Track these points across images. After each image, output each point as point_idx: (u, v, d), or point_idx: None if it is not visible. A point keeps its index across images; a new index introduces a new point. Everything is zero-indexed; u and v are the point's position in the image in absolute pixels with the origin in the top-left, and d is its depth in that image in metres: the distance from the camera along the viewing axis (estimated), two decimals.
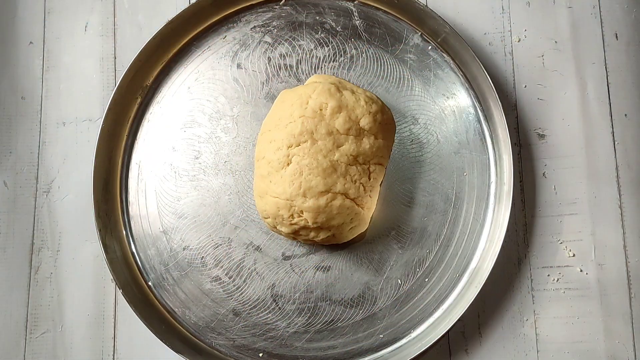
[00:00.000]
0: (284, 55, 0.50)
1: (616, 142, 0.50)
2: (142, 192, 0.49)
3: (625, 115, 0.50)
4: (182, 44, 0.50)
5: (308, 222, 0.43)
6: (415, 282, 0.47)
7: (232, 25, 0.51)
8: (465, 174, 0.48)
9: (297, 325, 0.47)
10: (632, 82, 0.50)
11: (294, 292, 0.47)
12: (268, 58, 0.50)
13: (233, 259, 0.48)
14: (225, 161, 0.49)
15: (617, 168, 0.50)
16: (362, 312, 0.47)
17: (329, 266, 0.48)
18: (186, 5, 0.51)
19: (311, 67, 0.49)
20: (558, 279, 0.48)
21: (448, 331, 0.45)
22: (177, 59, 0.51)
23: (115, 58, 0.52)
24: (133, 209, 0.49)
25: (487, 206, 0.48)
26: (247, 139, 0.49)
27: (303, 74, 0.49)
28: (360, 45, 0.50)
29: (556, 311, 0.48)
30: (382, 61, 0.50)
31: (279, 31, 0.50)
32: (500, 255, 0.45)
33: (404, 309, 0.47)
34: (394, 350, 0.47)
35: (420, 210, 0.48)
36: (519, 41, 0.51)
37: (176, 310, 0.48)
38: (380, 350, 0.47)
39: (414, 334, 0.47)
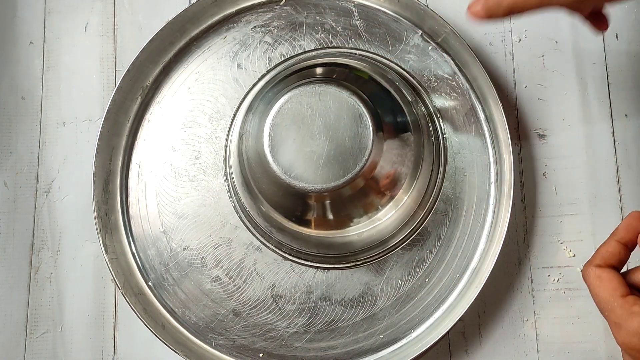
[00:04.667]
0: (284, 56, 0.50)
1: (616, 142, 0.50)
2: (142, 192, 0.49)
3: (626, 115, 0.50)
4: (182, 44, 0.50)
5: None
6: (416, 283, 0.47)
7: (232, 25, 0.51)
8: (465, 174, 0.48)
9: (297, 326, 0.47)
10: (633, 82, 0.50)
11: (294, 292, 0.47)
12: (268, 58, 0.50)
13: (233, 259, 0.48)
14: None
15: (617, 168, 0.50)
16: (362, 312, 0.47)
17: None
18: (186, 5, 0.51)
19: None
20: (558, 279, 0.48)
21: (448, 331, 0.45)
22: (177, 59, 0.50)
23: (115, 58, 0.52)
24: (133, 209, 0.49)
25: (488, 206, 0.48)
26: None
27: None
28: (361, 46, 0.50)
29: (556, 311, 0.48)
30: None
31: (280, 31, 0.50)
32: (501, 255, 0.45)
33: (404, 309, 0.47)
34: (394, 350, 0.46)
35: None
36: (519, 41, 0.51)
37: (176, 310, 0.48)
38: (381, 350, 0.47)
39: (414, 335, 0.47)
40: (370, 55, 0.49)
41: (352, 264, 0.47)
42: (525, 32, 0.51)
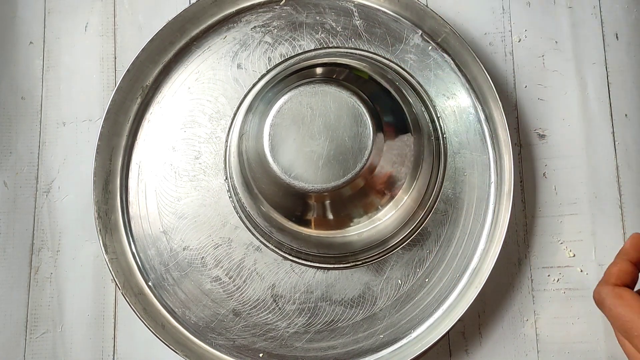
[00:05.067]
0: (284, 56, 0.50)
1: (616, 142, 0.50)
2: (142, 192, 0.49)
3: (626, 115, 0.50)
4: (182, 44, 0.50)
5: None
6: (416, 283, 0.47)
7: (232, 25, 0.51)
8: (465, 174, 0.48)
9: (297, 326, 0.47)
10: (633, 82, 0.50)
11: (294, 292, 0.47)
12: (268, 58, 0.50)
13: (233, 259, 0.48)
14: None
15: (617, 168, 0.50)
16: (362, 312, 0.47)
17: None
18: (186, 5, 0.51)
19: None
20: (558, 279, 0.48)
21: (448, 331, 0.45)
22: (177, 59, 0.51)
23: (115, 58, 0.53)
24: (133, 209, 0.49)
25: (487, 206, 0.48)
26: None
27: None
28: (361, 46, 0.50)
29: (556, 311, 0.48)
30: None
31: (279, 31, 0.50)
32: (501, 255, 0.45)
33: (404, 309, 0.47)
34: (394, 350, 0.46)
35: None
36: (519, 41, 0.51)
37: (176, 310, 0.48)
38: (381, 350, 0.47)
39: (414, 335, 0.47)
40: (370, 55, 0.49)
41: (352, 264, 0.47)
42: (525, 32, 0.51)
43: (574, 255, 0.49)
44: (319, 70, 0.47)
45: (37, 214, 0.51)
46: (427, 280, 0.47)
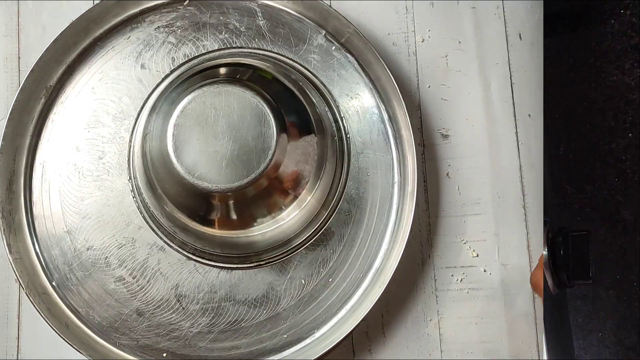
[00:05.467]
0: (187, 56, 0.50)
1: (520, 143, 0.50)
2: (46, 192, 0.49)
3: (529, 115, 0.50)
4: (86, 44, 0.50)
5: None
6: (319, 282, 0.47)
7: (136, 25, 0.51)
8: (369, 174, 0.48)
9: (200, 325, 0.47)
10: (536, 82, 0.50)
11: (198, 292, 0.48)
12: (172, 58, 0.50)
13: (137, 259, 0.48)
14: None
15: (520, 168, 0.50)
16: (266, 312, 0.47)
17: None
18: (90, 5, 0.50)
19: None
20: (462, 279, 0.49)
21: (352, 331, 0.45)
22: (81, 59, 0.50)
23: (19, 58, 0.52)
24: (37, 209, 0.49)
25: (391, 206, 0.48)
26: None
27: None
28: (264, 46, 0.50)
29: (460, 311, 0.48)
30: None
31: (183, 31, 0.50)
32: (404, 255, 0.45)
33: (308, 309, 0.47)
34: (297, 350, 0.47)
35: None
36: (422, 41, 0.51)
37: (80, 310, 0.48)
38: (284, 350, 0.47)
39: (317, 334, 0.47)
40: (274, 55, 0.49)
41: (255, 263, 0.47)
42: (428, 32, 0.51)
43: (478, 255, 0.49)
44: (222, 70, 0.47)
45: None
46: (330, 280, 0.47)
